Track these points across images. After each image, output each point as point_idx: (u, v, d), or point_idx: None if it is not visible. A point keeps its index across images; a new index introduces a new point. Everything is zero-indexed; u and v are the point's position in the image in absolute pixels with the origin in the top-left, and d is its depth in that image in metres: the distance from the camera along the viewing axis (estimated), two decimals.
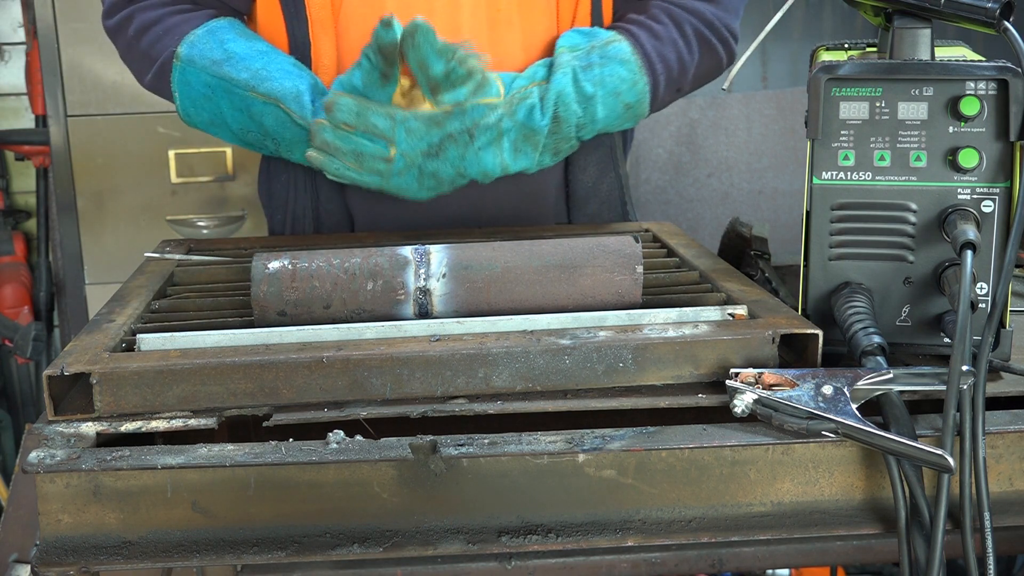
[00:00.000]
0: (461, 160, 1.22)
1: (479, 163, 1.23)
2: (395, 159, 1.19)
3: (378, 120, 1.18)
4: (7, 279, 2.91)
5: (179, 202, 2.62)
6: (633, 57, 1.30)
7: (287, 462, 0.83)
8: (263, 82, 1.25)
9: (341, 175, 1.22)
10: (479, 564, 0.94)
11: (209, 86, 1.28)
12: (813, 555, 1.00)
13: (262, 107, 1.25)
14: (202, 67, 1.28)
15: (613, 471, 0.85)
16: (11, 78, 3.07)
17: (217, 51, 1.29)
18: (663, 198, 2.89)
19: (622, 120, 1.31)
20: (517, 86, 1.25)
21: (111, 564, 0.83)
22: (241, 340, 0.94)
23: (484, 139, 1.21)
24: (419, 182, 1.23)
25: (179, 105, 1.33)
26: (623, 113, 1.30)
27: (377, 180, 1.22)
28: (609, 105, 1.28)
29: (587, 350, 0.92)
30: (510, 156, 1.24)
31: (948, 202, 0.97)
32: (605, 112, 1.28)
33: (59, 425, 0.88)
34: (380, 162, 1.20)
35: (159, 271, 1.17)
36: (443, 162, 1.21)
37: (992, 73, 0.95)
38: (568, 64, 1.27)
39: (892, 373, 0.90)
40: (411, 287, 1.00)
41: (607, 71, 1.28)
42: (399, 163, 1.20)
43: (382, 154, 1.19)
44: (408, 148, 1.19)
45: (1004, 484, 0.89)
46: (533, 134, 1.24)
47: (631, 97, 1.29)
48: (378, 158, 1.19)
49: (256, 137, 1.29)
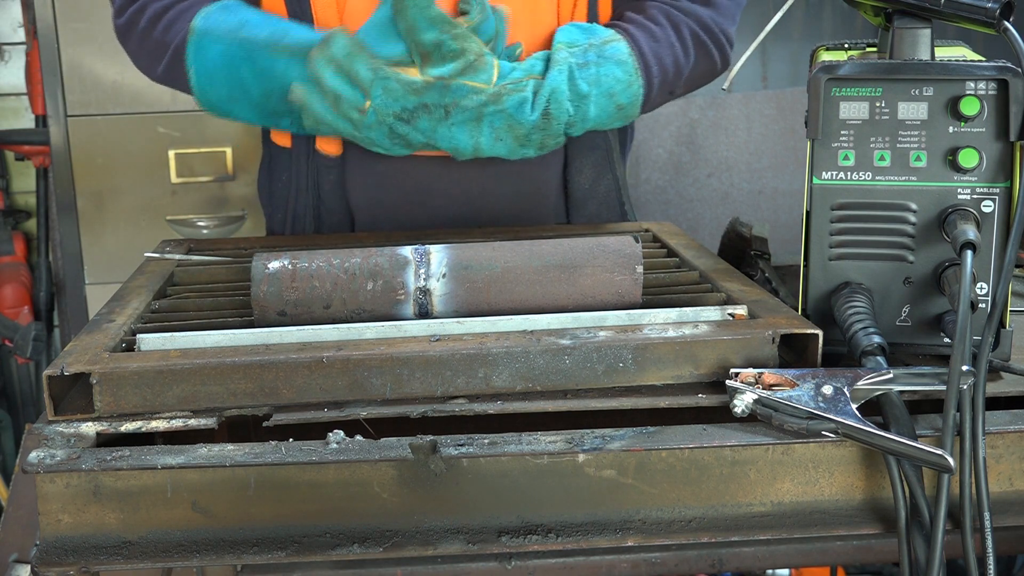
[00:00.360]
0: (432, 132, 1.23)
1: (450, 138, 1.23)
2: (368, 112, 1.21)
3: (360, 68, 1.19)
4: (7, 279, 2.90)
5: (179, 202, 2.62)
6: (630, 59, 1.29)
7: (287, 462, 0.83)
8: (284, 36, 1.24)
9: (319, 118, 1.22)
10: (479, 564, 0.94)
11: (227, 55, 1.26)
12: (813, 555, 1.00)
13: (287, 63, 1.23)
14: (219, 36, 1.26)
15: (613, 471, 0.85)
16: (11, 78, 3.07)
17: (233, 20, 1.27)
18: (663, 198, 2.89)
19: (612, 120, 1.31)
20: (513, 77, 1.25)
21: (111, 564, 0.83)
22: (241, 340, 0.94)
23: (460, 118, 1.22)
24: (390, 140, 1.24)
25: (194, 83, 1.29)
26: (614, 113, 1.30)
27: (349, 128, 1.23)
28: (602, 105, 1.28)
29: (587, 350, 0.92)
30: (488, 140, 1.24)
31: (948, 202, 0.97)
32: (597, 111, 1.28)
33: (59, 425, 0.88)
34: (354, 111, 1.21)
35: (159, 271, 1.17)
36: (413, 129, 1.22)
37: (992, 73, 0.95)
38: (565, 61, 1.27)
39: (892, 373, 0.90)
40: (411, 287, 1.00)
41: (603, 71, 1.28)
42: (370, 117, 1.21)
43: (358, 104, 1.20)
44: (381, 105, 1.20)
45: (1004, 484, 0.89)
46: (519, 126, 1.24)
47: (625, 99, 1.29)
48: (353, 106, 1.20)
49: (278, 102, 1.26)
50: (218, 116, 1.33)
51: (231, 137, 2.59)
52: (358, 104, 1.20)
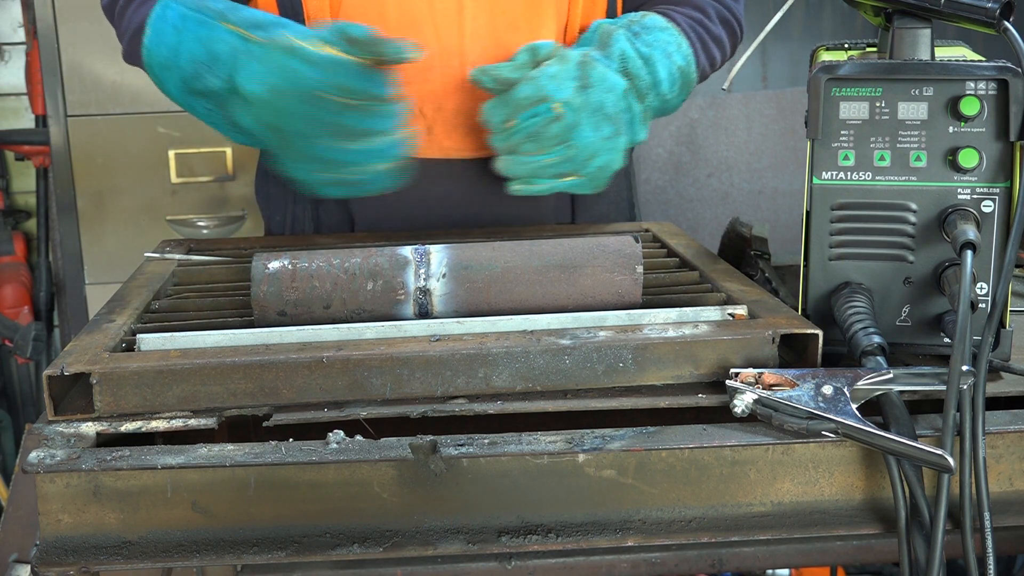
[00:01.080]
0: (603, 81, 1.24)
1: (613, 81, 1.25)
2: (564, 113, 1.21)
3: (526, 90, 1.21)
4: (7, 279, 2.91)
5: (179, 202, 2.62)
6: (669, 24, 1.33)
7: (287, 462, 0.83)
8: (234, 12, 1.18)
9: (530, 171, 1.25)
10: (479, 564, 0.94)
11: (183, 17, 1.20)
12: (813, 555, 1.00)
13: (224, 35, 1.17)
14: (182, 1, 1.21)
15: (613, 471, 0.85)
16: (11, 78, 3.07)
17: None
18: (663, 198, 2.89)
19: (679, 87, 1.32)
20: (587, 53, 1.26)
21: (111, 564, 0.83)
22: (241, 340, 0.94)
23: (599, 70, 1.23)
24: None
25: (146, 39, 1.22)
26: (679, 79, 1.32)
27: (563, 150, 1.24)
28: (667, 67, 1.30)
29: (587, 350, 0.92)
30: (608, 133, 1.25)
31: (948, 202, 0.97)
32: (666, 73, 1.29)
33: (59, 425, 0.88)
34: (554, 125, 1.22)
35: (159, 271, 1.17)
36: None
37: (992, 73, 0.95)
38: (618, 29, 1.29)
39: (892, 373, 0.90)
40: (411, 287, 1.00)
41: (653, 36, 1.30)
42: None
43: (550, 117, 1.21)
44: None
45: (1004, 484, 0.89)
46: (614, 88, 1.25)
47: (681, 59, 1.31)
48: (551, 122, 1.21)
49: (203, 70, 1.18)
50: (160, 88, 1.26)
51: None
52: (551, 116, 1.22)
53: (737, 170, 2.91)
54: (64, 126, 2.55)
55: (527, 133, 1.21)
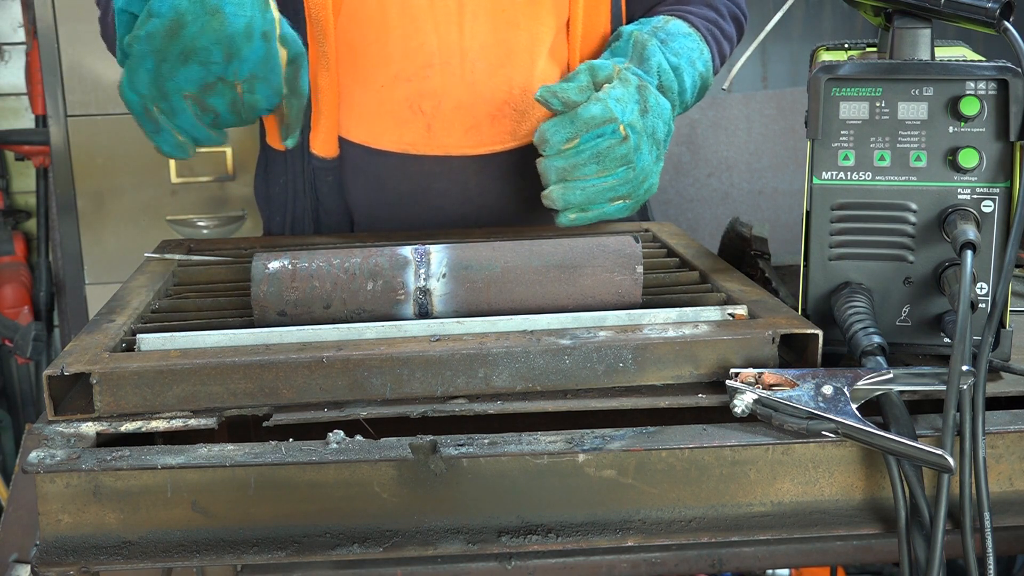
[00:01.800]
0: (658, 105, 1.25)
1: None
2: (628, 135, 1.21)
3: (595, 110, 1.19)
4: (7, 279, 2.91)
5: (179, 202, 2.62)
6: (691, 30, 1.35)
7: (287, 462, 0.83)
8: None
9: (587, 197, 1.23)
10: (479, 564, 0.94)
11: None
12: (813, 555, 0.99)
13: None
14: None
15: (613, 471, 0.85)
16: (11, 78, 3.07)
17: None
18: (663, 198, 2.89)
19: (699, 93, 1.35)
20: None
21: (111, 564, 0.83)
22: (241, 340, 0.94)
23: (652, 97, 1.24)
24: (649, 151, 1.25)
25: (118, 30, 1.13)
26: (700, 86, 1.34)
27: (624, 172, 1.23)
28: (691, 75, 1.32)
29: (587, 350, 0.92)
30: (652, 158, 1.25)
31: (948, 202, 0.97)
32: (690, 82, 1.32)
33: (59, 425, 0.88)
34: (619, 147, 1.21)
35: (159, 271, 1.17)
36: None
37: (992, 73, 0.95)
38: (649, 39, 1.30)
39: (892, 373, 0.90)
40: (411, 287, 1.00)
41: (679, 44, 1.33)
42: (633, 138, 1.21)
43: (616, 139, 1.20)
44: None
45: (1004, 484, 0.89)
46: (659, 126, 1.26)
47: (703, 66, 1.34)
48: (615, 144, 1.20)
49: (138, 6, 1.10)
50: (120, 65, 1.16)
51: (231, 137, 2.58)
52: (617, 138, 1.21)
53: (737, 170, 2.91)
54: (64, 126, 2.55)
55: (593, 153, 1.19)
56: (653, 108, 1.24)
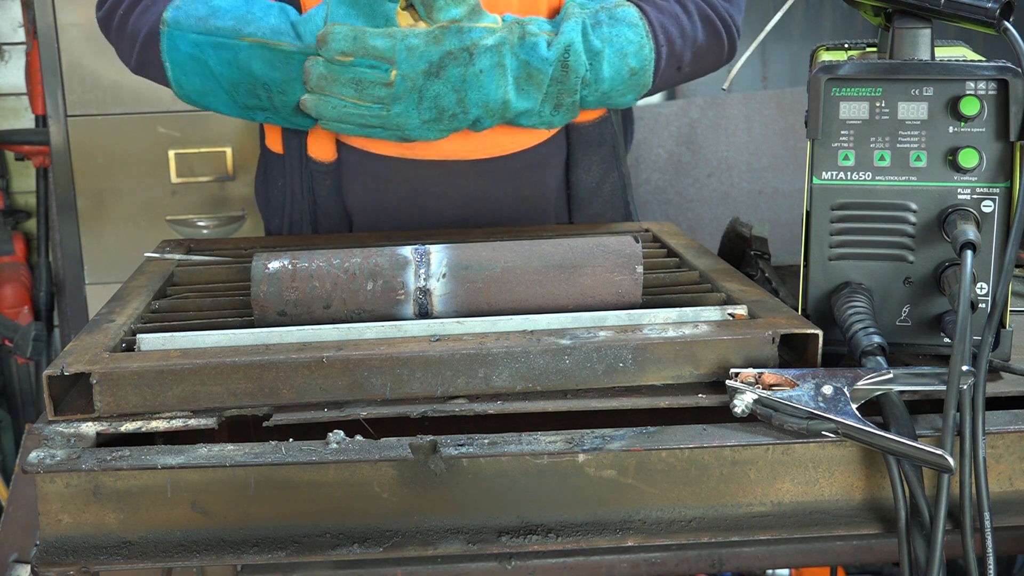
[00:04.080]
0: (463, 82, 1.21)
1: (480, 88, 1.22)
2: (396, 82, 1.19)
3: (377, 41, 1.18)
4: (7, 279, 2.91)
5: (179, 202, 2.62)
6: (641, 21, 1.30)
7: (287, 462, 0.83)
8: (247, 25, 1.22)
9: (339, 115, 1.21)
10: (479, 564, 0.94)
11: (196, 44, 1.24)
12: (813, 555, 1.00)
13: (248, 51, 1.22)
14: (188, 27, 1.24)
15: (613, 471, 0.85)
16: (11, 78, 3.07)
17: (202, 8, 1.25)
18: (663, 198, 2.89)
19: (626, 87, 1.31)
20: (519, 21, 1.25)
21: (111, 564, 0.83)
22: (241, 340, 0.94)
23: (485, 62, 1.21)
24: (418, 110, 1.22)
25: (171, 76, 1.28)
26: (628, 79, 1.30)
27: (378, 109, 1.21)
28: (615, 66, 1.28)
29: (587, 350, 0.92)
30: (513, 91, 1.23)
31: (948, 202, 0.97)
32: (611, 72, 1.27)
33: (59, 425, 0.88)
34: (380, 87, 1.19)
35: (159, 271, 1.17)
36: (444, 83, 1.21)
37: (992, 73, 0.95)
38: (578, 16, 1.27)
39: (892, 373, 0.90)
40: (411, 287, 1.00)
41: (615, 31, 1.28)
42: (400, 86, 1.19)
43: (383, 79, 1.19)
44: (409, 68, 1.19)
45: (1004, 484, 0.89)
46: (538, 73, 1.23)
47: (636, 62, 1.29)
48: (378, 83, 1.19)
49: (247, 91, 1.25)
50: (197, 107, 1.32)
51: (231, 137, 2.59)
52: (383, 79, 1.19)
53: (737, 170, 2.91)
54: (64, 126, 2.55)
55: (353, 78, 1.19)
56: (473, 73, 1.21)
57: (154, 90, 2.45)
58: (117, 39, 1.36)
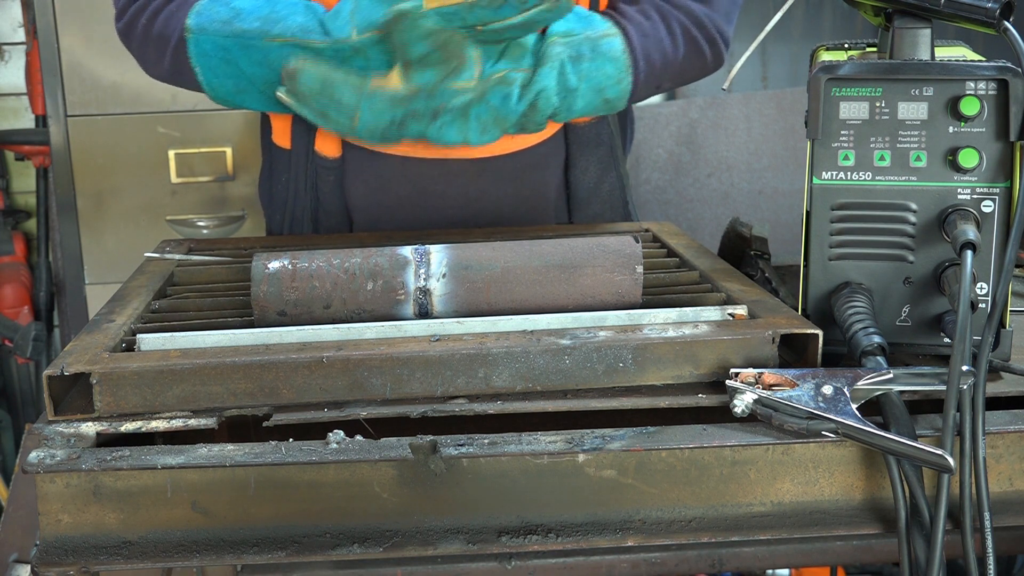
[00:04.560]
0: (422, 133, 1.23)
1: (440, 137, 1.24)
2: (358, 126, 1.22)
3: (342, 94, 1.20)
4: (7, 279, 2.91)
5: (179, 202, 2.62)
6: (623, 56, 1.28)
7: (287, 462, 0.83)
8: (274, 25, 1.23)
9: (312, 122, 1.25)
10: (479, 564, 0.94)
11: (224, 48, 1.25)
12: (813, 555, 1.00)
13: (279, 51, 1.23)
14: (214, 31, 1.26)
15: (613, 471, 0.85)
16: (11, 78, 3.07)
17: (224, 11, 1.26)
18: (663, 198, 2.89)
19: (597, 111, 1.32)
20: (499, 68, 1.24)
21: (111, 564, 0.83)
22: (241, 340, 0.94)
23: (448, 119, 1.22)
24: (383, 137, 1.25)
25: (203, 81, 1.29)
26: (600, 106, 1.30)
27: (343, 131, 1.25)
28: (589, 99, 1.27)
29: (587, 350, 0.92)
30: (475, 134, 1.24)
31: (948, 202, 0.97)
32: (583, 104, 1.28)
33: (59, 425, 0.88)
34: (344, 123, 1.23)
35: (159, 271, 1.17)
36: (405, 131, 1.23)
37: (992, 73, 0.95)
38: (557, 57, 1.25)
39: (892, 373, 0.90)
40: (411, 287, 1.00)
41: (595, 66, 1.27)
42: (360, 129, 1.23)
43: (346, 119, 1.22)
44: (369, 121, 1.22)
45: (1004, 484, 0.89)
46: (504, 119, 1.24)
47: (612, 93, 1.29)
48: (342, 120, 1.22)
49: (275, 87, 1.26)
50: (231, 108, 1.34)
51: (231, 137, 2.59)
52: (346, 119, 1.22)
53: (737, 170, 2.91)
54: (64, 126, 2.55)
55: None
56: (435, 127, 1.23)
57: (154, 90, 2.47)
58: (141, 48, 1.36)
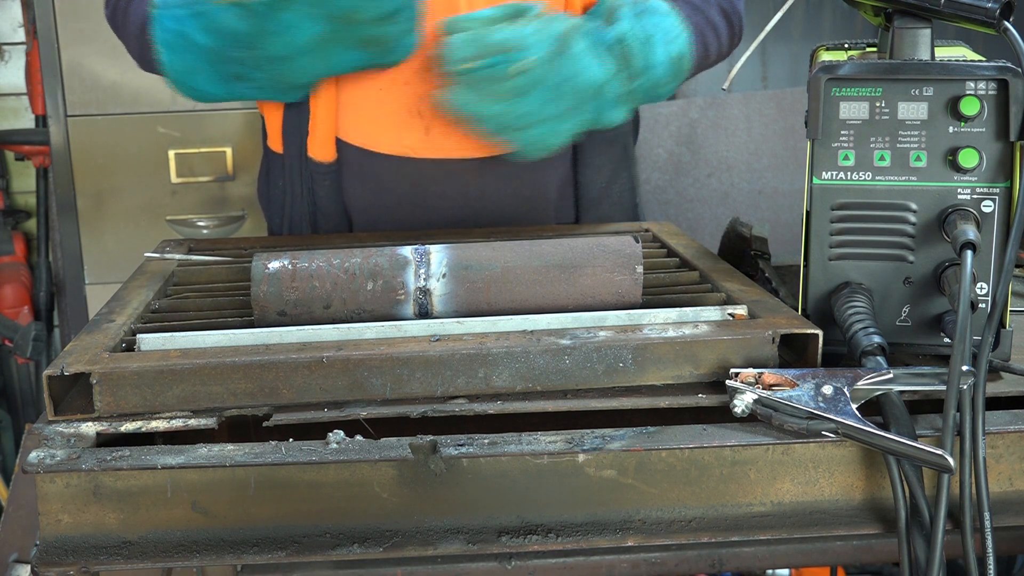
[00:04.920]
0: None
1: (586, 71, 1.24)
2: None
3: (500, 35, 1.19)
4: (7, 279, 2.91)
5: (179, 202, 2.62)
6: (673, 10, 1.32)
7: (287, 462, 0.83)
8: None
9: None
10: (479, 564, 0.94)
11: (179, 19, 1.23)
12: (813, 555, 1.00)
13: (223, 12, 1.20)
14: (173, 3, 1.24)
15: (613, 471, 0.85)
16: (11, 78, 3.07)
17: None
18: (663, 198, 2.89)
19: (674, 75, 1.32)
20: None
21: (111, 564, 0.83)
22: (241, 340, 0.94)
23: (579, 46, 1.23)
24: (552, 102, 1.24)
25: (163, 60, 1.26)
26: (675, 65, 1.31)
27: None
28: (665, 52, 1.30)
29: (587, 350, 0.92)
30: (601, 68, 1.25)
31: (948, 202, 0.97)
32: (664, 57, 1.29)
33: (59, 425, 0.88)
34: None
35: (159, 271, 1.17)
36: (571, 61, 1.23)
37: (992, 73, 0.95)
38: (625, 7, 1.29)
39: (892, 373, 0.90)
40: (411, 287, 1.00)
41: (655, 20, 1.30)
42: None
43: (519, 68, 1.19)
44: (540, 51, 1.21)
45: (1004, 484, 0.89)
46: (609, 51, 1.25)
47: (678, 48, 1.31)
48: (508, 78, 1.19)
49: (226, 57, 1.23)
50: (191, 96, 1.30)
51: (231, 137, 2.59)
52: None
53: (737, 170, 2.91)
54: (64, 126, 2.55)
55: (489, 73, 1.18)
56: (572, 59, 1.22)
57: (154, 90, 2.47)
58: (123, 36, 1.36)
